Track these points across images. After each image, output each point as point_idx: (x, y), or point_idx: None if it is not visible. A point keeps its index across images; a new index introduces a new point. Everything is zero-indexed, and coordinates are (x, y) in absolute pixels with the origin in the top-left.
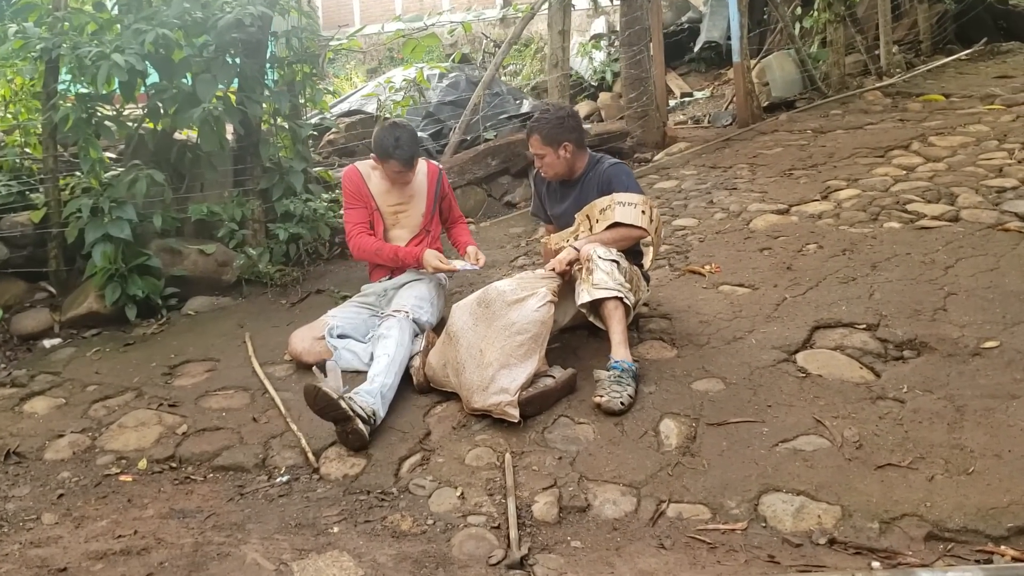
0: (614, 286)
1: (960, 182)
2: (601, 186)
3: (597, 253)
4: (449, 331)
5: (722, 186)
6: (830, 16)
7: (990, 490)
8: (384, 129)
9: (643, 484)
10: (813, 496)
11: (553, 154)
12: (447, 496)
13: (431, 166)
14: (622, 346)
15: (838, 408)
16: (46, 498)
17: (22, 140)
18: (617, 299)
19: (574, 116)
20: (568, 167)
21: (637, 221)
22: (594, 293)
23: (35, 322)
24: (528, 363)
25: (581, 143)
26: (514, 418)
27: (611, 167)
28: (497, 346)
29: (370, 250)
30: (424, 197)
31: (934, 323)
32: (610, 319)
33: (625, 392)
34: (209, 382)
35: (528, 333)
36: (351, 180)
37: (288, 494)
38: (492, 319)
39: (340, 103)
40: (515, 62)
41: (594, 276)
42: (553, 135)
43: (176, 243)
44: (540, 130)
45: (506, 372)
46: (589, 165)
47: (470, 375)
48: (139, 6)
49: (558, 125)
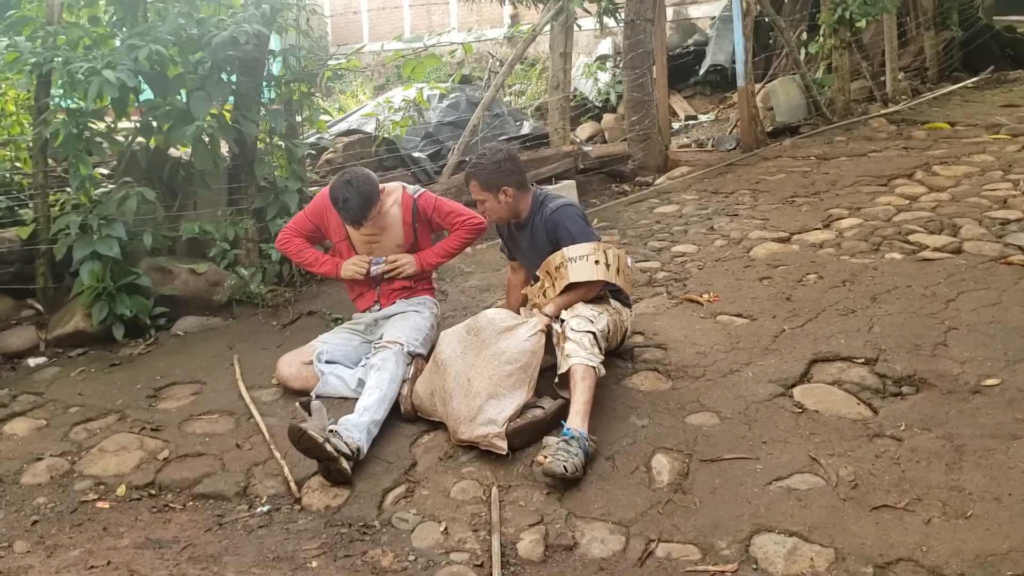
0: (584, 355)
1: (963, 213)
2: (548, 232)
3: (570, 326)
4: (437, 359)
5: (723, 212)
6: (836, 42)
7: (989, 535)
8: (340, 182)
9: (632, 522)
10: (806, 537)
11: (493, 199)
12: (430, 531)
13: (405, 196)
14: (580, 416)
15: (834, 445)
16: (20, 524)
17: (12, 155)
18: (583, 365)
19: (512, 159)
20: (511, 210)
21: (591, 276)
22: (566, 363)
23: (20, 340)
24: (517, 394)
25: (522, 185)
26: (502, 450)
27: (555, 212)
28: (486, 375)
29: (293, 249)
30: (399, 227)
31: (934, 358)
32: (575, 386)
33: (572, 459)
34: (194, 406)
35: (518, 363)
36: (320, 201)
37: (268, 525)
38: (481, 348)
39: (339, 123)
40: (520, 81)
41: (565, 347)
42: (491, 180)
43: (167, 262)
44: (478, 176)
45: (494, 403)
46: (535, 206)
47: (457, 405)
48: (134, 21)
49: (495, 170)
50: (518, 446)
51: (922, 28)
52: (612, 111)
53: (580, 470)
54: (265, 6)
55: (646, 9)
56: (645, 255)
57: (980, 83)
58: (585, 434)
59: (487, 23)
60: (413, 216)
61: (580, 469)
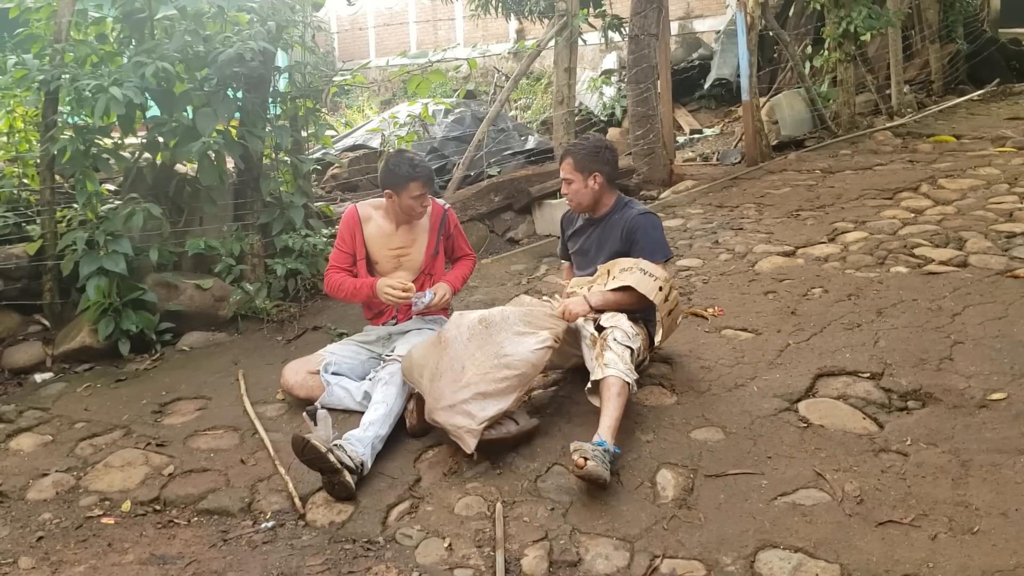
0: (623, 368)
1: (969, 226)
2: (626, 232)
3: (614, 336)
4: (442, 335)
5: (728, 226)
6: (840, 55)
7: (996, 551)
8: (395, 156)
9: (637, 538)
10: (811, 553)
11: (582, 182)
12: (434, 547)
13: (436, 205)
14: (610, 431)
15: (839, 460)
16: (25, 540)
17: (20, 171)
18: (620, 380)
19: (611, 150)
20: (594, 199)
21: (649, 294)
22: (605, 371)
23: (27, 356)
24: (504, 399)
25: (612, 179)
26: (468, 448)
27: (641, 215)
28: (481, 370)
29: (334, 285)
30: (426, 237)
31: (940, 373)
32: (609, 399)
33: (608, 470)
34: (199, 421)
35: (516, 370)
36: (346, 222)
37: (272, 541)
38: (486, 341)
39: (344, 138)
40: (526, 96)
41: (605, 356)
42: (586, 163)
43: (173, 277)
44: (575, 155)
45: (479, 400)
46: (616, 206)
47: (443, 386)
48: (141, 39)
49: (594, 153)
50: (486, 451)
51: (927, 41)
52: (617, 125)
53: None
54: (271, 23)
55: (650, 24)
56: None
57: (985, 96)
58: (617, 450)
59: (493, 38)
60: (441, 226)
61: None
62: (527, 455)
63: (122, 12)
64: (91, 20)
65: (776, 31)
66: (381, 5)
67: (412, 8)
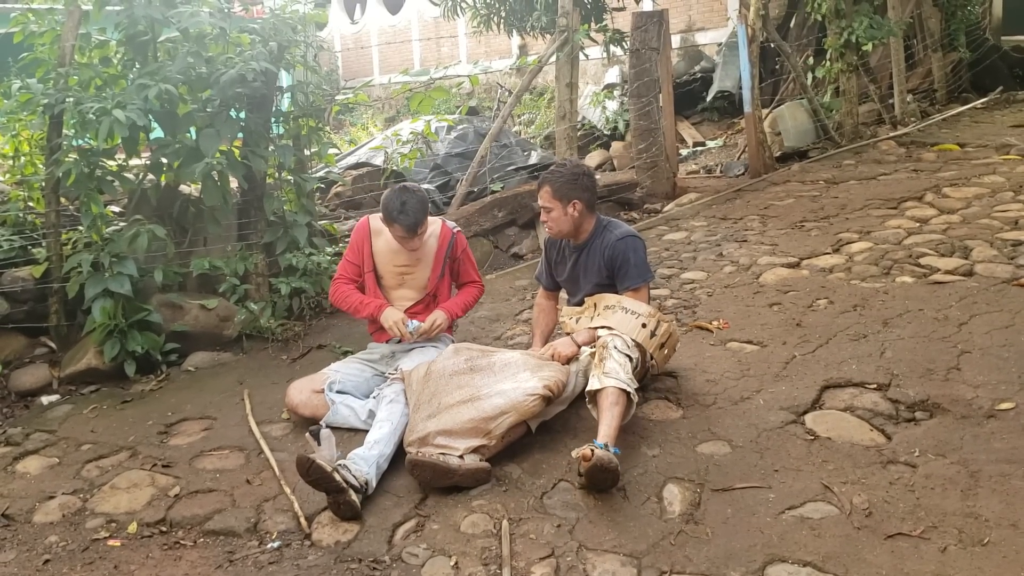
0: (625, 379)
1: (974, 235)
2: (607, 258)
3: (614, 344)
4: (430, 366)
5: (732, 238)
6: (843, 66)
7: (1006, 563)
8: (392, 192)
9: (644, 554)
10: (820, 568)
11: (561, 210)
12: (441, 566)
13: (445, 228)
14: (610, 439)
15: (847, 473)
16: (31, 564)
17: (26, 194)
18: (621, 391)
19: (589, 176)
20: (574, 227)
21: (631, 333)
22: (604, 381)
23: (33, 378)
24: (467, 440)
25: (591, 205)
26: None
27: (621, 240)
28: (451, 409)
29: (340, 296)
30: (432, 260)
31: (947, 383)
32: (606, 409)
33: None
34: (205, 441)
35: (484, 414)
36: (357, 233)
37: (278, 561)
38: (466, 383)
39: (348, 156)
40: (530, 111)
41: (606, 364)
42: (564, 191)
43: (177, 298)
44: (552, 183)
45: (444, 436)
46: (596, 230)
47: (417, 419)
48: (144, 61)
49: (572, 180)
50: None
51: (930, 50)
52: (620, 139)
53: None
54: (272, 44)
55: (651, 38)
56: (654, 283)
57: (989, 104)
58: (617, 451)
59: (496, 54)
60: (448, 250)
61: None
62: (532, 472)
63: (125, 35)
64: (95, 44)
65: (778, 43)
66: (384, 23)
67: (415, 26)
